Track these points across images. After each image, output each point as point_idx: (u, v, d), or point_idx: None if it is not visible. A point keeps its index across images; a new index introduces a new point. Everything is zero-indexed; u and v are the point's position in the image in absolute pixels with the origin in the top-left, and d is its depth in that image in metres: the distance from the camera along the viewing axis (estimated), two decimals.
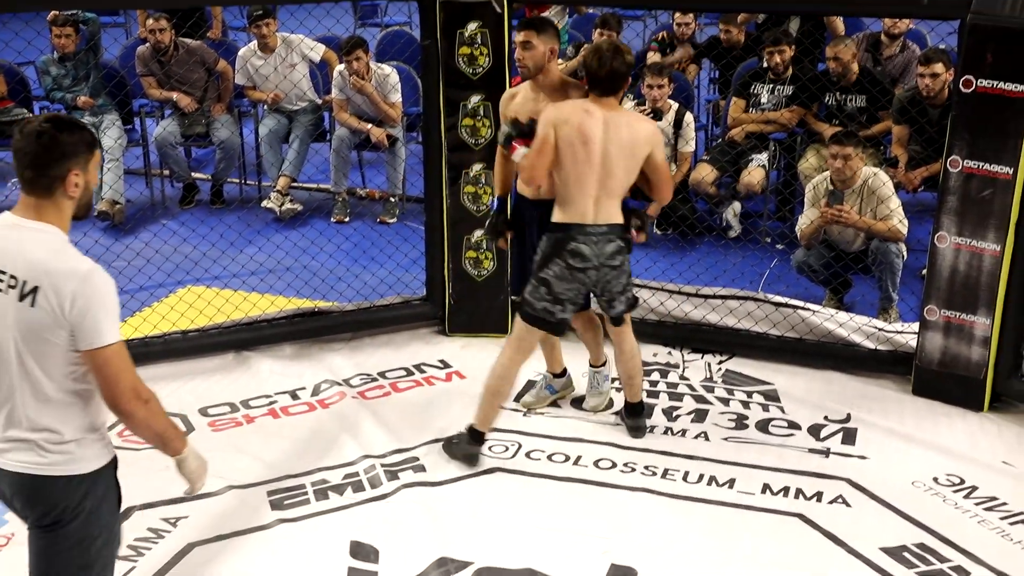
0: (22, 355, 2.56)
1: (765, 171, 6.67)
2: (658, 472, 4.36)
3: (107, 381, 2.57)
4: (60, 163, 2.55)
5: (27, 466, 2.61)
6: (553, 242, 4.11)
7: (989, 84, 4.47)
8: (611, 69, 4.03)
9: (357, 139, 7.07)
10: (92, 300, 2.52)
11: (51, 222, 2.58)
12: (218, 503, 4.08)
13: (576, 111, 4.08)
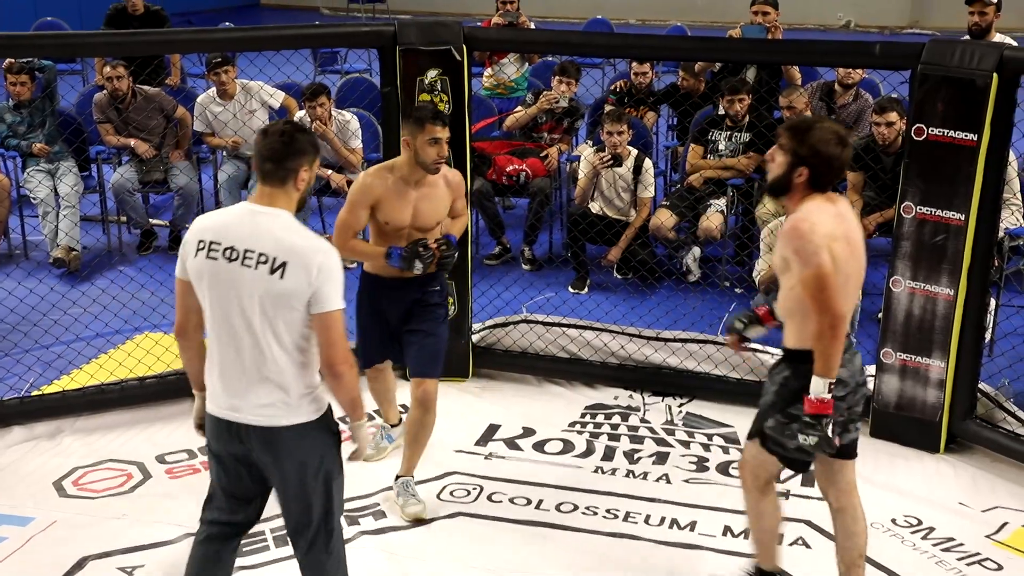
0: (268, 322, 3.00)
1: (723, 216, 6.76)
2: (620, 515, 4.38)
3: (330, 341, 3.02)
4: (295, 159, 3.05)
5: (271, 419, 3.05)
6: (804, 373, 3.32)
7: (940, 132, 4.59)
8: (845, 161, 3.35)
9: (318, 185, 7.09)
10: (332, 272, 3.00)
11: (282, 207, 3.06)
12: (174, 551, 4.04)
13: (834, 217, 3.30)
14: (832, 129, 3.26)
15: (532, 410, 5.27)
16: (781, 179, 3.30)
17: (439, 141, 4.02)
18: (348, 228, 4.15)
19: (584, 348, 5.56)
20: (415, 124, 4.02)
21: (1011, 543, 4.23)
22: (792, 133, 3.26)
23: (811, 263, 3.18)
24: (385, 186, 4.10)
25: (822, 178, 3.27)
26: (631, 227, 6.69)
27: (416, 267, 4.09)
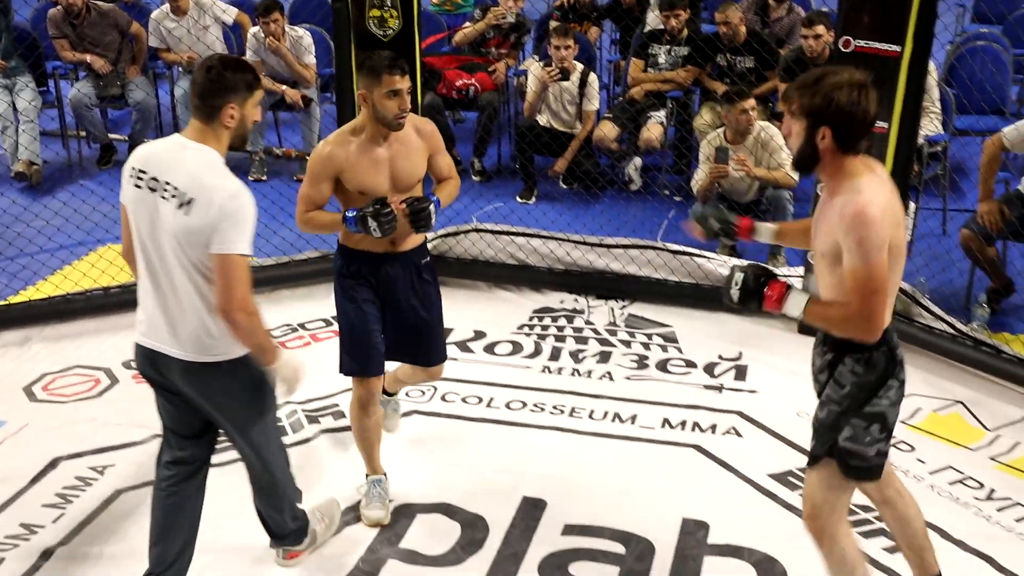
0: (180, 257, 2.86)
1: (663, 127, 6.79)
2: (565, 411, 4.47)
3: (224, 285, 2.83)
4: (221, 95, 2.85)
5: (189, 354, 2.96)
6: (875, 366, 2.77)
7: (866, 44, 4.62)
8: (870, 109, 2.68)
9: (273, 99, 7.00)
10: (235, 214, 2.81)
11: (210, 145, 2.88)
12: (143, 451, 4.08)
13: (889, 193, 2.68)
14: (845, 75, 2.63)
15: (483, 314, 5.33)
16: (804, 150, 2.65)
17: (399, 93, 3.32)
18: (307, 201, 3.51)
19: (532, 255, 5.61)
20: (370, 76, 3.34)
21: (923, 427, 4.39)
22: (800, 91, 2.62)
23: (869, 261, 2.55)
24: (347, 152, 3.42)
25: (849, 135, 2.60)
26: (576, 139, 6.70)
27: (373, 229, 3.34)
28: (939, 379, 4.73)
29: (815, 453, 2.88)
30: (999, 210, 5.10)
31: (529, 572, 3.48)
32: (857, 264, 2.56)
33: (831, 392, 2.82)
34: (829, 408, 2.82)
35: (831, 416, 2.81)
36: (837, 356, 2.80)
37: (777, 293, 2.71)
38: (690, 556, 3.55)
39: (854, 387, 2.77)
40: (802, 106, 2.62)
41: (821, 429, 2.85)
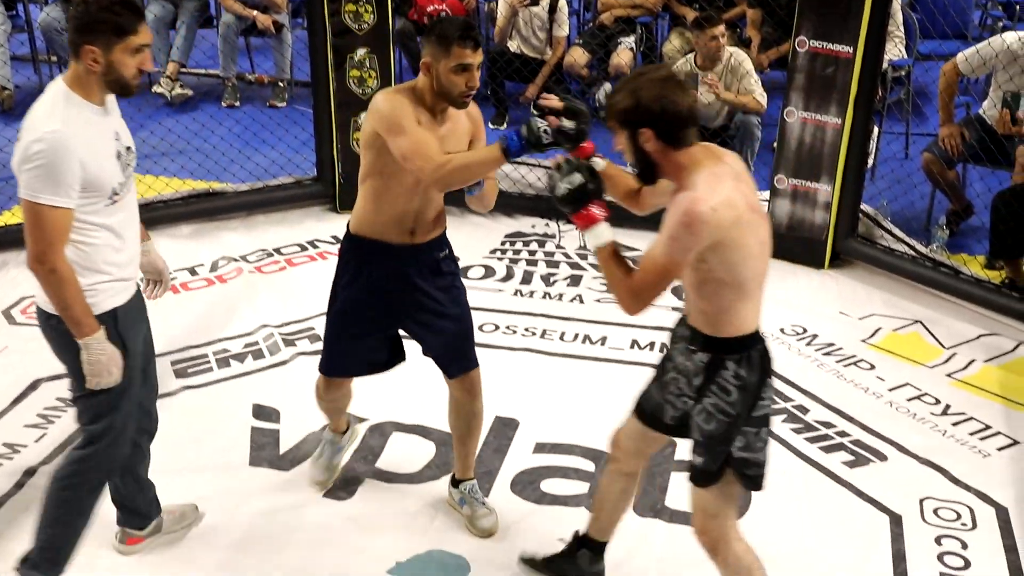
0: None
1: (632, 53, 6.68)
2: (537, 333, 4.45)
3: (26, 234, 2.52)
4: (78, 34, 2.51)
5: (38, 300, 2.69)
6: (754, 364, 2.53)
7: None
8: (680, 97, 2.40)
9: (244, 25, 6.83)
10: (34, 157, 2.46)
11: (68, 82, 2.56)
12: None
13: (731, 188, 2.39)
14: (643, 75, 2.41)
15: (455, 239, 5.10)
16: (638, 157, 2.42)
17: (469, 68, 2.80)
18: (428, 144, 2.78)
19: (503, 180, 5.53)
20: (438, 45, 2.79)
21: (882, 346, 4.41)
22: (612, 103, 2.41)
23: (671, 258, 2.35)
24: (416, 114, 2.84)
25: (671, 128, 2.36)
26: (547, 65, 6.59)
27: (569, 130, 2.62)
28: (899, 299, 4.75)
29: (709, 469, 2.56)
30: (959, 134, 5.07)
31: (502, 489, 3.49)
32: (657, 252, 2.36)
33: (718, 401, 2.51)
34: (718, 419, 2.52)
35: (722, 427, 2.52)
36: (716, 357, 2.51)
37: (592, 216, 2.48)
38: (657, 472, 3.57)
39: (740, 392, 2.50)
40: (616, 115, 2.40)
41: (712, 443, 2.54)
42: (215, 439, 3.68)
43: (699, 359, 2.54)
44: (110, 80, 2.55)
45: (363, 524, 3.32)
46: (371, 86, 5.23)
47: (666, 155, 2.39)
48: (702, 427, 2.55)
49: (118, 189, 2.63)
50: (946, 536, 3.32)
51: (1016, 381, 4.15)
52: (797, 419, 3.90)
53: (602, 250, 2.50)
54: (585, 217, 2.50)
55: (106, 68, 2.52)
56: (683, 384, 2.61)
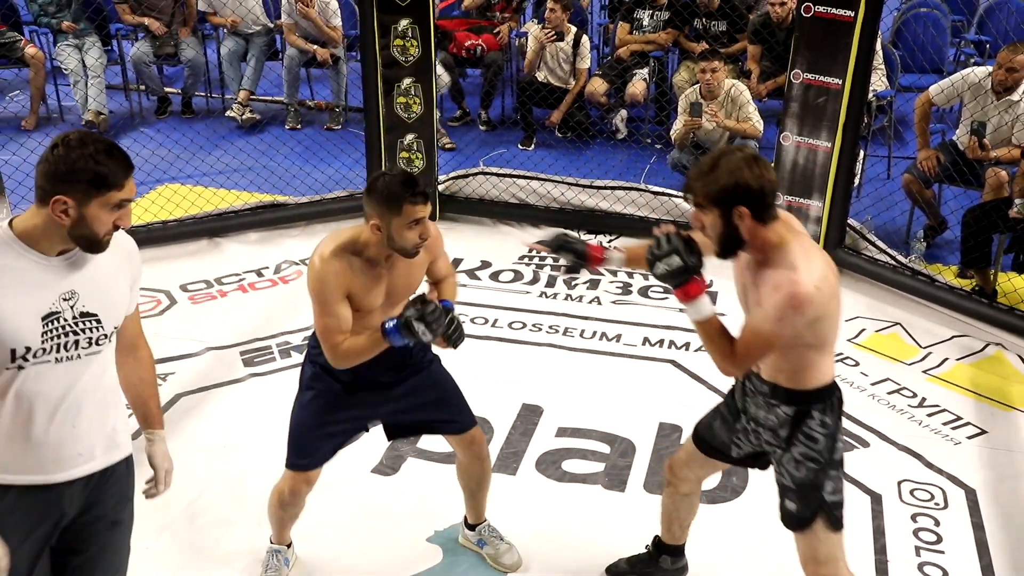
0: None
1: (646, 83, 6.65)
2: (560, 330, 4.44)
3: None
4: (50, 180, 1.85)
5: None
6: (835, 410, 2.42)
7: (824, 9, 4.50)
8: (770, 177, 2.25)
9: (305, 58, 6.85)
10: None
11: (17, 227, 1.89)
12: (199, 362, 4.07)
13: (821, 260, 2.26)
14: (737, 154, 2.23)
15: (488, 247, 5.28)
16: (726, 234, 2.23)
17: (422, 220, 2.45)
18: (336, 332, 2.52)
19: (531, 195, 5.53)
20: (386, 205, 2.42)
21: (866, 345, 4.37)
22: (703, 183, 2.21)
23: (777, 333, 2.21)
24: (352, 271, 2.51)
25: (763, 206, 2.20)
26: (570, 93, 6.57)
27: (421, 333, 2.44)
28: (881, 303, 4.69)
29: (803, 516, 2.42)
30: (935, 157, 5.01)
31: (528, 467, 3.49)
32: (763, 330, 2.20)
33: (806, 449, 2.38)
34: (807, 466, 2.39)
35: (811, 474, 2.39)
36: (801, 409, 2.37)
37: (695, 291, 2.27)
38: (665, 454, 3.54)
39: (826, 439, 2.38)
40: (709, 195, 2.20)
41: (804, 489, 2.40)
42: (277, 420, 3.67)
43: (783, 412, 2.39)
44: (77, 235, 1.89)
45: (406, 496, 3.33)
46: (416, 111, 5.24)
47: (755, 231, 2.21)
48: (793, 475, 2.41)
49: (26, 353, 1.89)
50: (921, 514, 3.28)
51: (984, 377, 4.10)
52: None
53: (704, 323, 2.29)
54: (685, 292, 2.28)
55: (76, 222, 1.87)
56: (766, 436, 2.46)
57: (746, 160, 2.20)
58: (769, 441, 2.46)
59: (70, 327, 1.93)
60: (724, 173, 2.19)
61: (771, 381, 2.40)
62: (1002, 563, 3.05)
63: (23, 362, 1.89)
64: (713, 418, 2.67)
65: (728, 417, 2.61)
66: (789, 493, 2.44)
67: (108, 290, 2.01)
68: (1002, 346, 4.32)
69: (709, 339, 2.30)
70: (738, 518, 3.27)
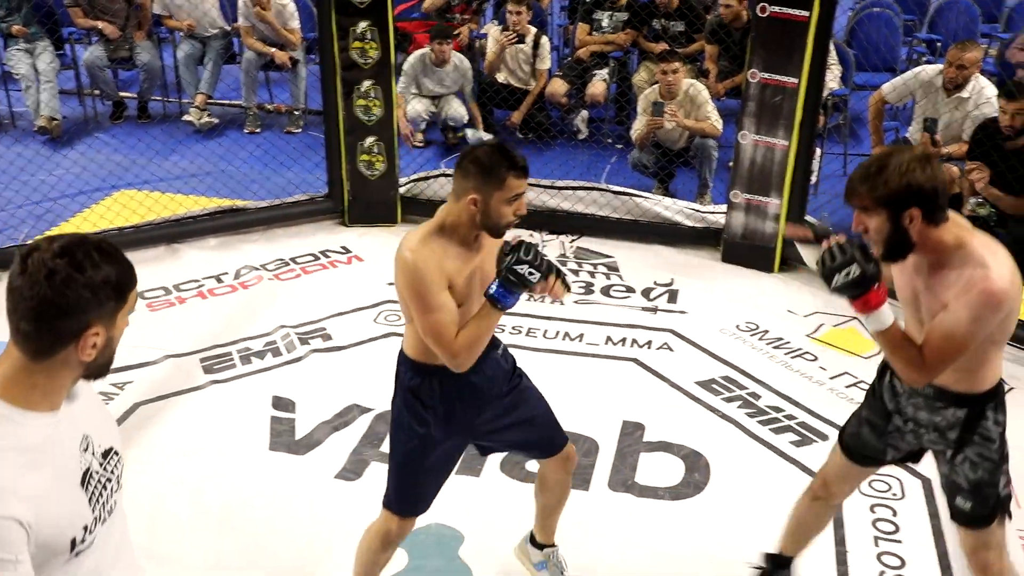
0: None
1: (606, 84, 6.68)
2: (523, 331, 4.45)
3: None
4: (74, 316, 1.46)
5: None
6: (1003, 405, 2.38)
7: (779, 9, 4.54)
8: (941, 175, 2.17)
9: (263, 61, 6.80)
10: None
11: (16, 400, 1.48)
12: (158, 370, 4.02)
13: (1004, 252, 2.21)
14: (905, 154, 2.14)
15: None
16: (893, 239, 2.14)
17: (520, 196, 2.33)
18: (449, 325, 2.31)
19: None
20: (487, 178, 2.29)
21: (824, 339, 4.42)
22: (870, 186, 2.12)
23: (972, 335, 2.14)
24: (447, 255, 2.35)
25: (936, 207, 2.12)
26: (531, 94, 6.59)
27: (529, 274, 2.28)
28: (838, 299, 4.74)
29: (981, 513, 2.38)
30: None
31: (492, 469, 3.49)
32: (958, 332, 2.13)
33: (982, 450, 2.33)
34: (984, 466, 2.34)
35: (986, 474, 2.35)
36: (974, 410, 2.31)
37: (876, 301, 2.17)
38: (628, 452, 3.57)
39: (1000, 436, 2.33)
40: (877, 198, 2.11)
41: (980, 488, 2.36)
42: (239, 427, 3.67)
43: (952, 414, 2.33)
44: (102, 362, 1.56)
45: (370, 502, 3.30)
46: (376, 113, 5.23)
47: (926, 233, 2.14)
48: (969, 476, 2.36)
49: (84, 535, 1.54)
50: (879, 505, 3.33)
51: None
52: (751, 405, 3.91)
53: (887, 333, 2.20)
54: (865, 303, 2.18)
55: (103, 348, 1.53)
56: (930, 436, 2.40)
57: (918, 160, 2.12)
58: (934, 441, 2.40)
59: (103, 476, 1.59)
60: (894, 174, 2.10)
61: (937, 384, 2.31)
62: (957, 551, 3.09)
63: (81, 545, 1.53)
64: (859, 427, 2.59)
65: (877, 422, 2.53)
66: (963, 492, 2.39)
67: (103, 411, 1.71)
68: None
69: (893, 348, 2.22)
70: (701, 514, 3.30)
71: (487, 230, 2.36)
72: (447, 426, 2.51)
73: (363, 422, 3.71)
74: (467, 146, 2.43)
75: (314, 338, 4.32)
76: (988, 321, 2.12)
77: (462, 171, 2.33)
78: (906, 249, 2.16)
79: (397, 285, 2.36)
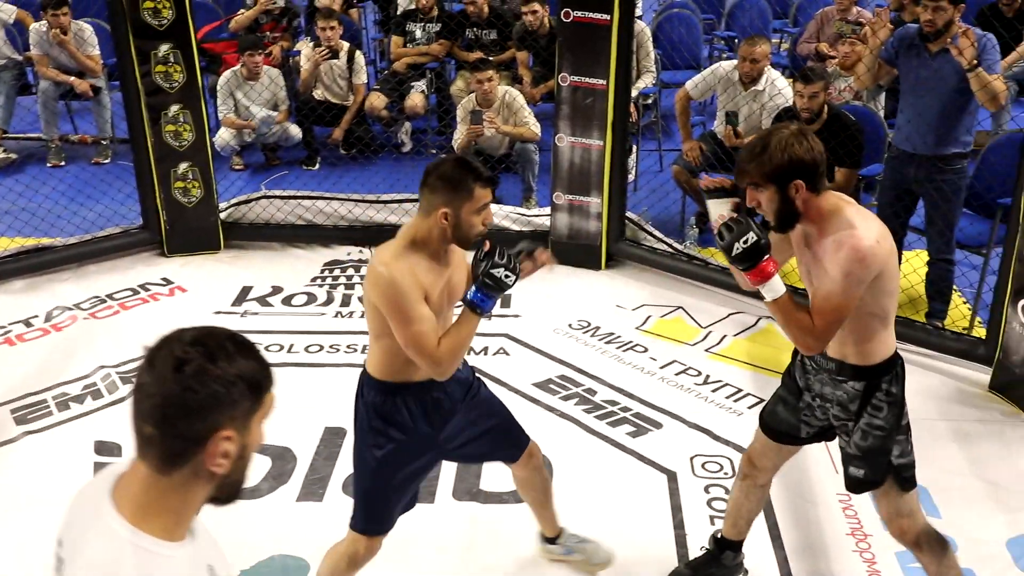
0: None
1: (424, 95, 6.70)
2: (358, 349, 4.39)
3: None
4: (204, 414, 1.32)
5: None
6: (900, 379, 2.51)
7: (582, 14, 4.69)
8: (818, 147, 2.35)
9: (61, 90, 6.45)
10: None
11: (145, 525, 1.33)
12: None
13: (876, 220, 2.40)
14: (783, 132, 2.32)
15: (279, 271, 5.15)
16: (784, 209, 2.32)
17: (487, 206, 2.43)
18: (430, 335, 2.36)
19: (318, 215, 5.45)
20: (456, 191, 2.36)
21: (653, 330, 4.58)
22: (756, 163, 2.30)
23: (848, 293, 2.29)
24: (420, 269, 2.39)
25: (817, 177, 2.31)
26: (350, 110, 6.53)
27: (505, 277, 2.41)
28: (663, 290, 4.93)
29: (873, 479, 2.53)
30: (698, 147, 5.34)
31: (335, 492, 3.43)
32: (834, 291, 2.29)
33: (871, 420, 2.47)
34: (873, 435, 2.48)
35: (878, 441, 2.48)
36: (871, 383, 2.45)
37: (768, 271, 2.33)
38: None
39: (892, 407, 2.47)
40: (765, 174, 2.29)
41: (871, 455, 2.49)
42: (59, 478, 3.44)
43: (852, 387, 2.47)
44: (232, 481, 1.41)
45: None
46: (187, 138, 5.04)
47: (810, 203, 2.32)
48: (859, 444, 2.49)
49: None
50: (713, 485, 3.48)
51: (759, 349, 4.40)
52: (587, 400, 4.00)
53: (779, 302, 2.34)
54: (760, 272, 2.33)
55: (239, 461, 1.39)
56: (835, 411, 2.53)
57: (794, 135, 2.30)
58: (837, 415, 2.54)
59: None
60: (777, 151, 2.28)
61: (837, 358, 2.48)
62: (784, 519, 3.28)
63: None
64: (775, 404, 2.72)
65: (789, 399, 2.67)
66: (855, 461, 2.53)
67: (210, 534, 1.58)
68: (772, 319, 4.64)
69: (786, 316, 2.35)
70: None
71: (458, 242, 2.44)
72: (412, 443, 2.55)
73: None
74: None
75: None
76: (858, 277, 2.28)
77: (429, 188, 2.40)
78: (794, 219, 2.34)
79: (370, 299, 2.40)
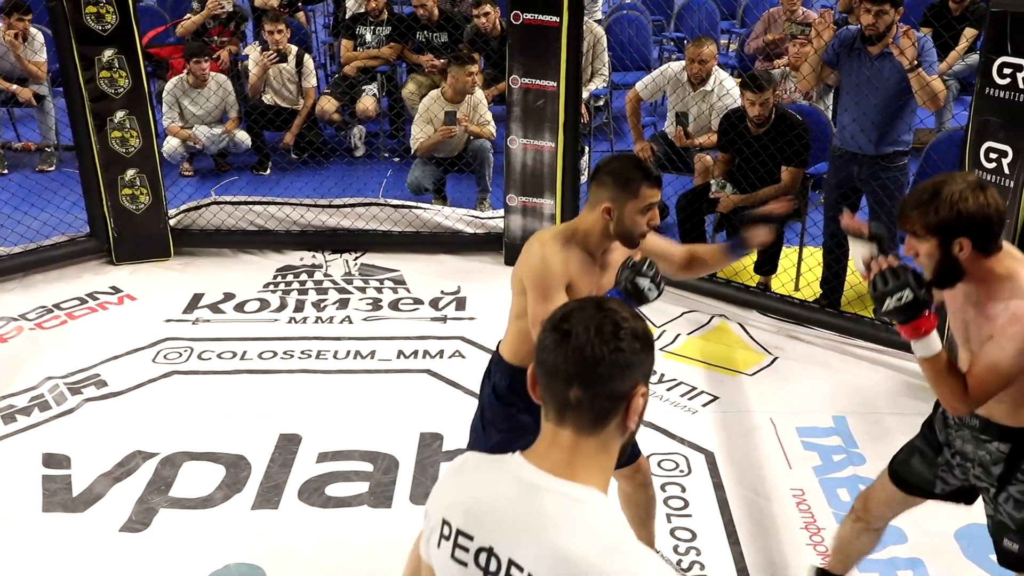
0: None
1: (376, 98, 6.68)
2: (312, 354, 4.37)
3: None
4: (628, 372, 1.33)
5: None
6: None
7: (532, 16, 4.71)
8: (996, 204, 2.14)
9: (3, 97, 6.32)
10: None
11: (591, 482, 1.35)
12: None
13: None
14: (960, 181, 2.10)
15: (230, 278, 5.10)
16: (943, 267, 2.13)
17: (654, 206, 2.40)
18: None
19: (270, 220, 5.40)
20: (622, 187, 2.36)
21: None
22: (920, 211, 2.10)
23: (1016, 365, 2.10)
24: (574, 260, 2.41)
25: (987, 237, 2.10)
26: (300, 113, 6.48)
27: (648, 290, 2.35)
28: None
29: None
30: (650, 148, 5.39)
31: (290, 499, 3.40)
32: (1002, 363, 2.10)
33: (1007, 493, 2.28)
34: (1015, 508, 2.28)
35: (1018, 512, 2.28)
36: (1018, 445, 2.26)
37: (926, 327, 2.14)
38: (428, 464, 3.58)
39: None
40: (927, 225, 2.09)
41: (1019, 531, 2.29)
42: (5, 493, 3.38)
43: (997, 448, 2.28)
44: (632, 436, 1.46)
45: (160, 551, 3.15)
46: (134, 145, 4.98)
47: (976, 262, 2.12)
48: (1013, 515, 2.30)
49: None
50: (669, 483, 3.51)
51: (713, 348, 4.45)
52: None
53: (934, 360, 2.17)
54: (915, 329, 2.14)
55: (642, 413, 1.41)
56: (976, 471, 2.35)
57: (970, 188, 2.08)
58: (979, 477, 2.35)
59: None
60: (946, 203, 2.07)
61: (983, 415, 2.28)
62: (740, 516, 3.32)
63: None
64: (910, 454, 2.53)
65: (927, 452, 2.48)
66: (1010, 533, 2.32)
67: None
68: (725, 317, 4.71)
69: (938, 376, 2.18)
70: None
71: (621, 239, 2.42)
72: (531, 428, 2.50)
73: (147, 468, 3.52)
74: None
75: (87, 386, 4.06)
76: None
77: (597, 182, 2.41)
78: (955, 277, 2.15)
79: (517, 274, 2.45)
